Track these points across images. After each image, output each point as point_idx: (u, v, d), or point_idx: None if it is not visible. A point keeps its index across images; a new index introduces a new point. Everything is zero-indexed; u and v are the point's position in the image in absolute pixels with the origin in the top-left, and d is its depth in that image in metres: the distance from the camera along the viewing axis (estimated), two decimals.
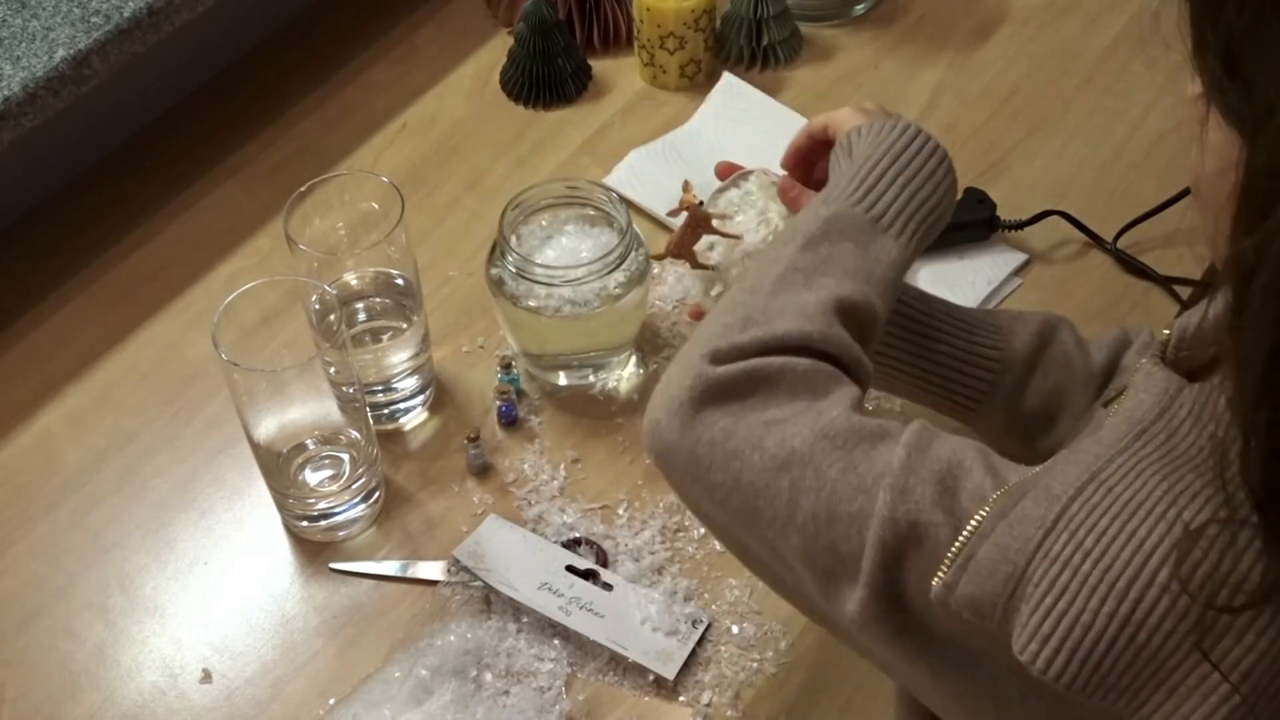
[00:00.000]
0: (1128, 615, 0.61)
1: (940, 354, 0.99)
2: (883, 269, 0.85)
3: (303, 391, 1.01)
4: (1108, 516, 0.63)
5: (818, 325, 0.79)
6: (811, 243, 0.84)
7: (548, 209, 1.12)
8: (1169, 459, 0.65)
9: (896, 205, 0.88)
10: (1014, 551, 0.65)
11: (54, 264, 1.25)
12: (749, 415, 0.75)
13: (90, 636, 1.03)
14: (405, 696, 0.96)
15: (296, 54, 1.42)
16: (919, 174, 0.90)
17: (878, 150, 0.90)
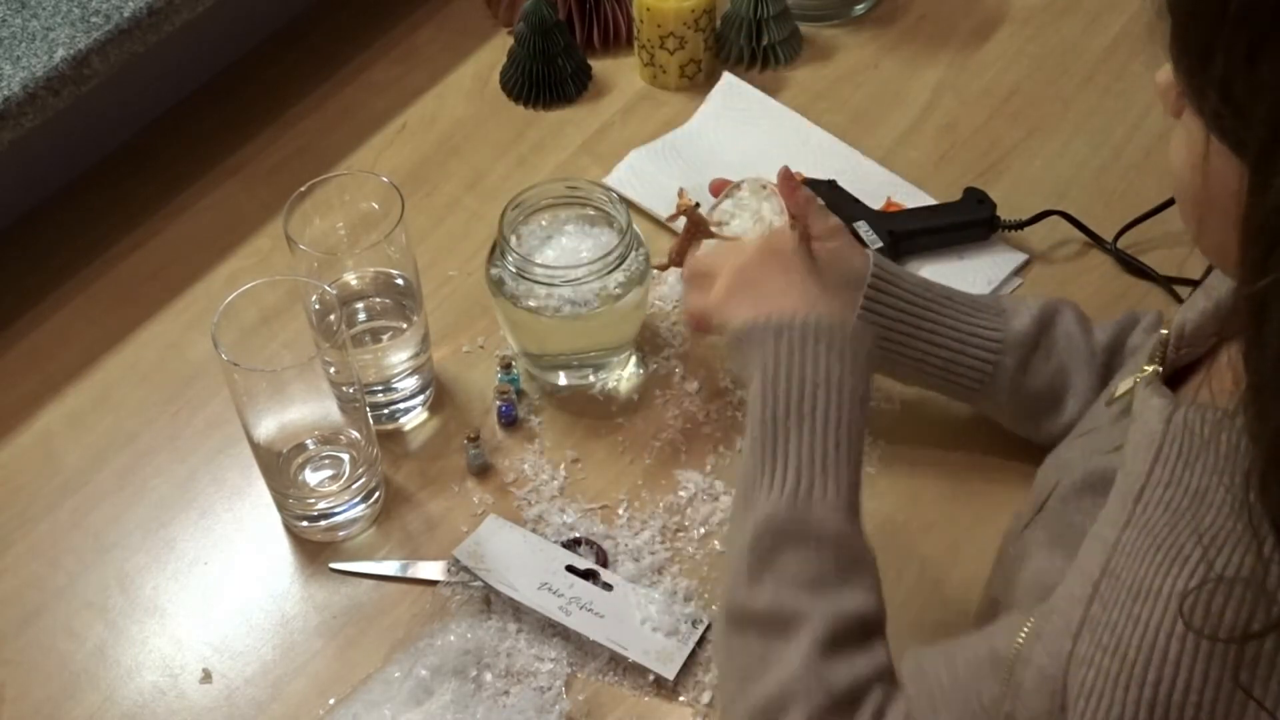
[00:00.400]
0: (1153, 698, 0.62)
1: (940, 335, 1.00)
2: (831, 543, 0.82)
3: (303, 391, 1.01)
4: (1118, 608, 0.64)
5: (819, 693, 0.77)
6: (757, 570, 0.81)
7: (548, 209, 1.12)
8: (1168, 517, 0.65)
9: (809, 463, 0.83)
10: (1051, 668, 0.66)
11: (54, 264, 1.25)
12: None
13: (90, 636, 1.03)
14: (405, 696, 0.96)
15: (296, 54, 1.42)
16: (819, 401, 0.84)
17: (770, 387, 0.85)
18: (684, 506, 1.07)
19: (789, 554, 0.81)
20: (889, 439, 1.10)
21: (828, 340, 0.86)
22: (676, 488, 1.08)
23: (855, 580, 0.82)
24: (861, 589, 0.82)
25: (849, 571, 0.82)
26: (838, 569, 0.81)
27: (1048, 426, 1.01)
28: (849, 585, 0.81)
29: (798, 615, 0.80)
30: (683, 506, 1.07)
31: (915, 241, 1.21)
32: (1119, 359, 1.01)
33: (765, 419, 0.85)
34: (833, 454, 0.84)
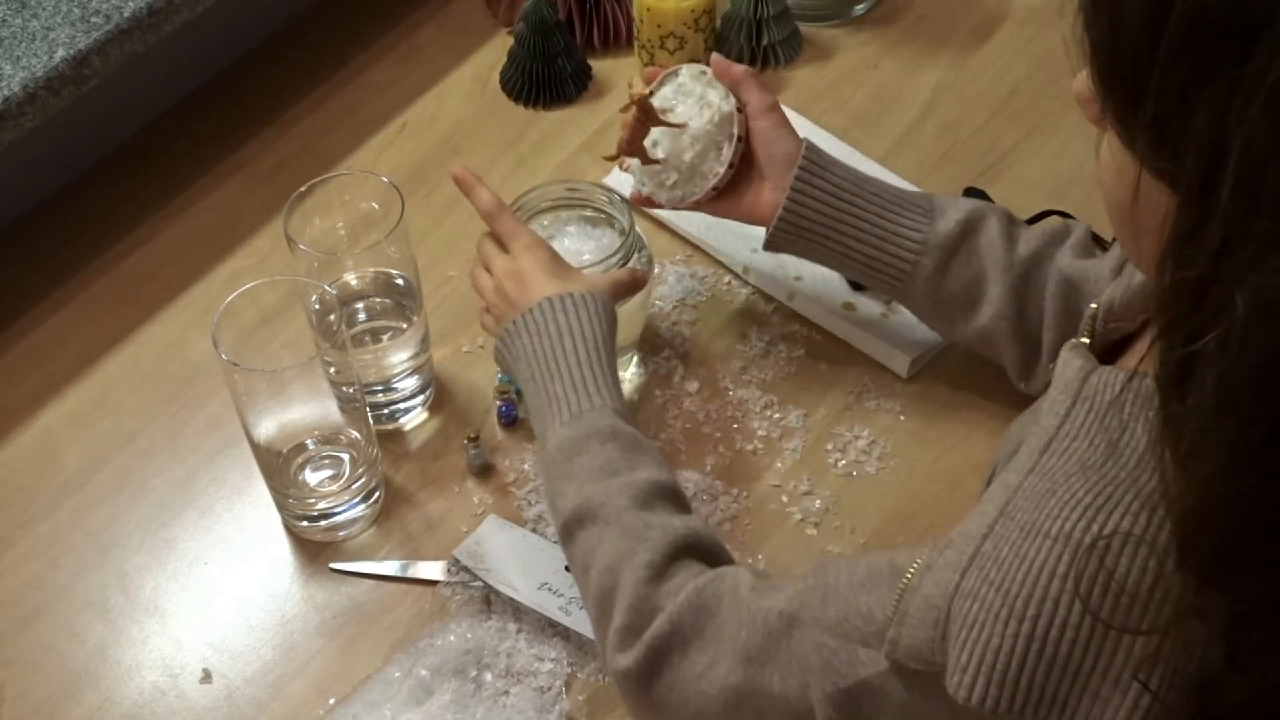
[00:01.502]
0: (1030, 632, 0.64)
1: (864, 230, 1.04)
2: (610, 436, 0.91)
3: (303, 391, 1.01)
4: (1008, 545, 0.66)
5: (641, 550, 0.85)
6: (561, 486, 0.91)
7: (548, 210, 1.12)
8: (1071, 469, 0.67)
9: (572, 391, 0.94)
10: (937, 597, 0.68)
11: (54, 264, 1.25)
12: (683, 680, 0.83)
13: (90, 636, 1.03)
14: (405, 696, 0.96)
15: (296, 54, 1.42)
16: (568, 347, 0.96)
17: (530, 361, 0.97)
18: None
19: (577, 460, 0.91)
20: (889, 439, 1.10)
21: (562, 305, 0.97)
22: None
23: (641, 459, 0.91)
24: (649, 465, 0.91)
25: (633, 453, 0.91)
26: (621, 455, 0.91)
27: (961, 328, 1.06)
28: (637, 464, 0.91)
29: (601, 499, 0.89)
30: None
31: None
32: (1041, 272, 1.03)
33: (536, 384, 0.96)
34: (590, 378, 0.94)
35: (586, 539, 0.88)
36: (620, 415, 0.93)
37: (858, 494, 1.08)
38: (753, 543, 1.05)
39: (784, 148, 1.05)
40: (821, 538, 1.05)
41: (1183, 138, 0.57)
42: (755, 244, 1.22)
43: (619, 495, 0.88)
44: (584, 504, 0.89)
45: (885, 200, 1.04)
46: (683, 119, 1.07)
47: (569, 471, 0.91)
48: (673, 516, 0.88)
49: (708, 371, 1.15)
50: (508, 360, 1.00)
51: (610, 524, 0.87)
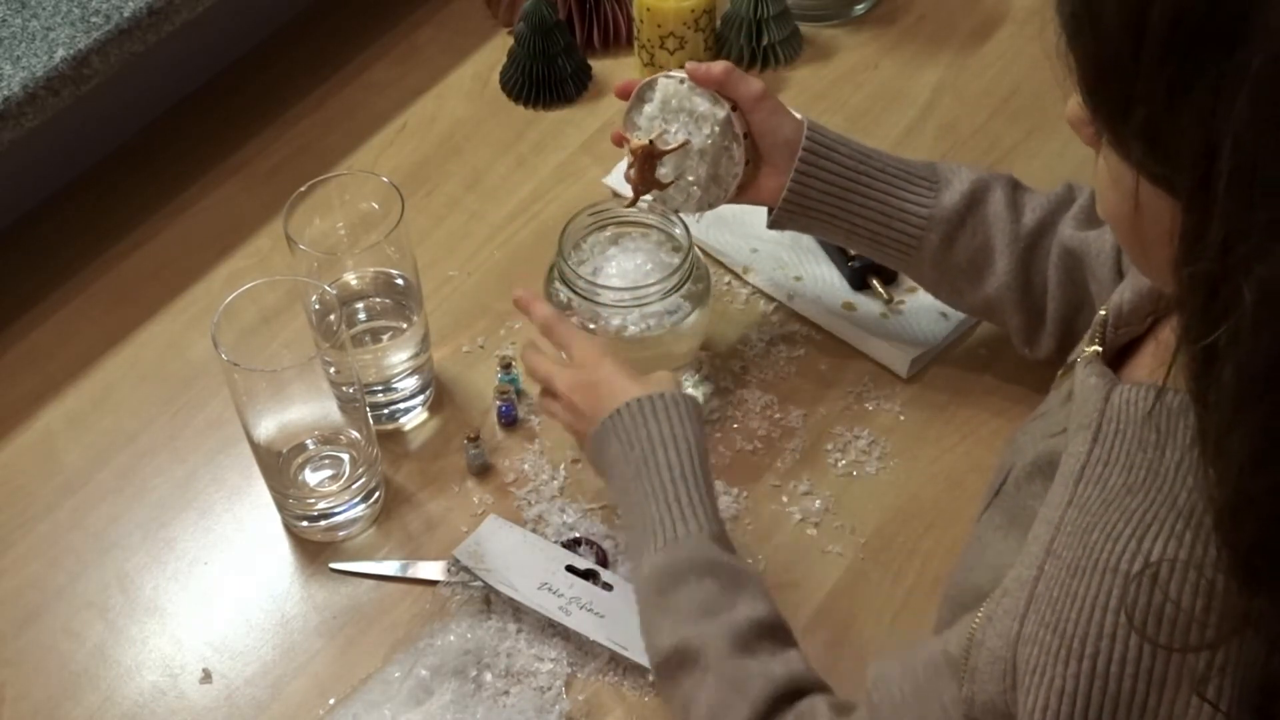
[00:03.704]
0: (1091, 671, 0.63)
1: (870, 207, 1.05)
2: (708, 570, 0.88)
3: (303, 391, 1.01)
4: (1058, 585, 0.66)
5: (741, 705, 0.83)
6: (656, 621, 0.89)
7: (603, 229, 1.11)
8: (1108, 496, 0.66)
9: (667, 514, 0.91)
10: (1001, 648, 0.68)
11: (54, 264, 1.25)
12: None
13: (90, 636, 1.03)
14: (405, 696, 0.96)
15: (296, 54, 1.42)
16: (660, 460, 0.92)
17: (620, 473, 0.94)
18: None
19: (675, 595, 0.88)
20: (889, 439, 1.10)
21: (652, 409, 0.94)
22: None
23: (742, 595, 0.87)
24: (750, 600, 0.87)
25: (733, 590, 0.88)
26: (722, 591, 0.87)
27: (967, 298, 1.07)
28: (738, 601, 0.87)
29: (700, 641, 0.85)
30: None
31: None
32: (1045, 241, 1.04)
33: (629, 497, 0.93)
34: (685, 497, 0.91)
35: (686, 682, 0.86)
36: (718, 541, 0.90)
37: (858, 494, 1.08)
38: (753, 543, 1.05)
39: (785, 133, 1.05)
40: (821, 538, 1.05)
41: (1175, 139, 0.57)
42: (755, 244, 1.22)
43: (718, 638, 0.85)
44: (682, 645, 0.86)
45: (890, 174, 1.05)
46: (681, 138, 1.06)
47: (664, 606, 0.88)
48: (773, 660, 0.85)
49: (708, 371, 1.15)
50: (599, 468, 0.97)
51: (709, 670, 0.84)
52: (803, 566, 1.04)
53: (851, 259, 1.19)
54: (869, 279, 1.18)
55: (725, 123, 1.06)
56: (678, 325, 1.07)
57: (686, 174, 1.07)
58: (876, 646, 0.99)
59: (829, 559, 1.04)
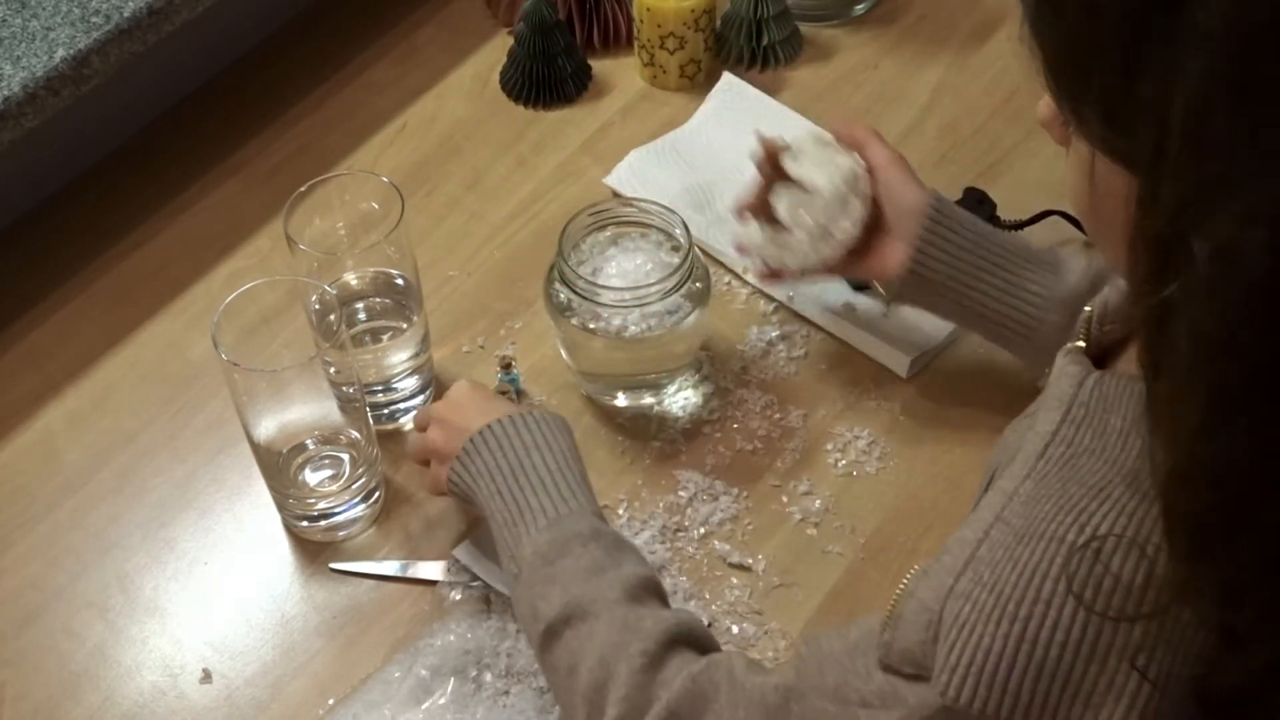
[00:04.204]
0: (1021, 634, 0.63)
1: (990, 286, 1.03)
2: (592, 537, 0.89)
3: (303, 391, 1.01)
4: (1002, 548, 0.66)
5: (636, 640, 0.83)
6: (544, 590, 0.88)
7: (603, 229, 1.11)
8: (1065, 473, 0.67)
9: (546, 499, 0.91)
10: (931, 600, 0.68)
11: (54, 264, 1.25)
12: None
13: (90, 636, 1.03)
14: (405, 696, 0.96)
15: (296, 54, 1.42)
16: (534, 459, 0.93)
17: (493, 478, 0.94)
18: (684, 506, 1.07)
19: (561, 562, 0.88)
20: (889, 439, 1.10)
21: (524, 423, 0.95)
22: (676, 488, 1.08)
23: (626, 556, 0.89)
24: (635, 561, 0.90)
25: (617, 552, 0.89)
26: (606, 554, 0.89)
27: None
28: (624, 561, 0.89)
29: (591, 597, 0.86)
30: (683, 506, 1.07)
31: None
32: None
33: (502, 499, 0.93)
34: (564, 485, 0.92)
35: (575, 637, 0.86)
36: (598, 517, 0.92)
37: (858, 494, 1.08)
38: (753, 543, 1.05)
39: (911, 200, 1.04)
40: (821, 538, 1.05)
41: (1130, 107, 0.58)
42: None
43: (609, 590, 0.86)
44: (572, 603, 0.86)
45: (1011, 256, 1.03)
46: (821, 186, 1.05)
47: (551, 575, 0.88)
48: (662, 609, 0.87)
49: (708, 371, 1.15)
50: (466, 482, 0.95)
51: (601, 618, 0.85)
52: (803, 566, 1.04)
53: None
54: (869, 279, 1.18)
55: (853, 175, 1.05)
56: (678, 325, 1.07)
57: (802, 217, 1.05)
58: None
59: (829, 559, 1.04)
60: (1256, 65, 0.53)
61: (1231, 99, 0.53)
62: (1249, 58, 0.53)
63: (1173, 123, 0.55)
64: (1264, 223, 0.53)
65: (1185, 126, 0.54)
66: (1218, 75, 0.53)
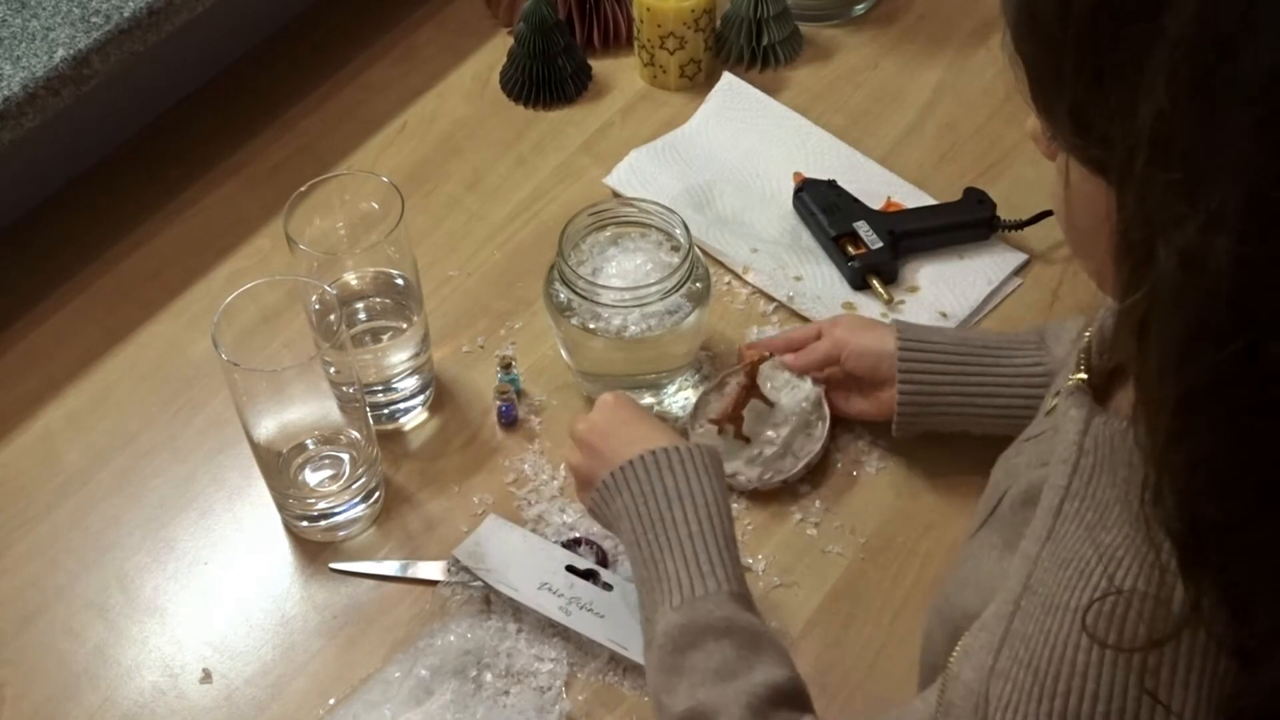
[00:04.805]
0: (1064, 710, 0.63)
1: (985, 381, 1.02)
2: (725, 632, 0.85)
3: (303, 391, 1.01)
4: (1034, 622, 0.65)
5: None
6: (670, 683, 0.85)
7: (604, 228, 1.11)
8: (1080, 531, 0.66)
9: (685, 570, 0.87)
10: (975, 682, 0.68)
11: (54, 264, 1.25)
12: None
13: (90, 636, 1.03)
14: (405, 696, 0.96)
15: (296, 54, 1.42)
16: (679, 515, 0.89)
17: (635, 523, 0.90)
18: None
19: (691, 655, 0.84)
20: (889, 440, 1.10)
21: (669, 462, 0.91)
22: None
23: (759, 659, 0.84)
24: (767, 664, 0.84)
25: (751, 652, 0.84)
26: (739, 654, 0.84)
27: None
28: (756, 664, 0.84)
29: (716, 706, 0.82)
30: None
31: (915, 241, 1.21)
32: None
33: (642, 554, 0.89)
34: (705, 555, 0.88)
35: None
36: (738, 600, 0.87)
37: (858, 494, 1.08)
38: (753, 543, 1.05)
39: (878, 347, 1.05)
40: (821, 538, 1.05)
41: (1103, 117, 0.58)
42: (755, 244, 1.22)
43: (735, 702, 0.82)
44: (697, 709, 0.83)
45: (993, 350, 1.03)
46: (788, 407, 1.08)
47: (679, 667, 0.84)
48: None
49: (708, 371, 1.15)
50: (607, 518, 0.93)
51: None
52: (803, 566, 1.04)
53: (851, 259, 1.19)
54: (869, 279, 1.18)
55: (815, 397, 1.08)
56: (678, 325, 1.07)
57: (766, 433, 1.07)
58: (877, 646, 0.99)
59: (829, 559, 1.04)
60: (1218, 74, 0.53)
61: (1195, 107, 0.53)
62: (1211, 67, 0.53)
63: (1140, 131, 0.55)
64: (1228, 230, 0.53)
65: (1152, 134, 0.55)
66: (1181, 84, 0.54)
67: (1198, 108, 0.53)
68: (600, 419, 0.96)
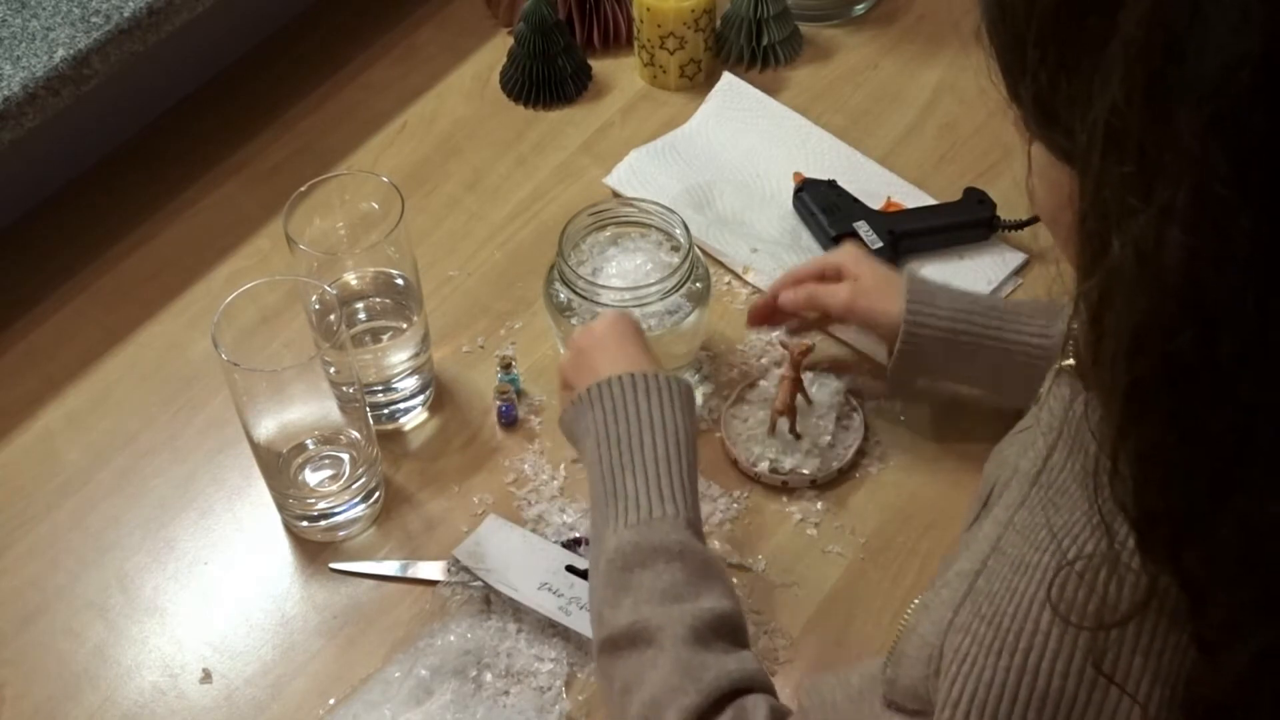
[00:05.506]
0: (1023, 665, 0.63)
1: (987, 332, 1.02)
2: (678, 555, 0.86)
3: (303, 391, 1.01)
4: (999, 579, 0.66)
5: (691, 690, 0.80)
6: (616, 597, 0.85)
7: (604, 228, 1.11)
8: (1059, 499, 0.67)
9: (645, 492, 0.88)
10: (932, 635, 0.68)
11: (54, 264, 1.25)
12: None
13: (90, 636, 1.03)
14: (405, 696, 0.96)
15: (296, 54, 1.42)
16: (646, 439, 0.90)
17: (601, 441, 0.91)
18: None
19: (640, 574, 0.85)
20: (889, 439, 1.10)
21: (645, 389, 0.91)
22: None
23: (708, 587, 0.85)
24: (715, 593, 0.85)
25: (699, 579, 0.85)
26: (688, 578, 0.85)
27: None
28: (704, 591, 0.85)
29: (659, 624, 0.83)
30: None
31: (915, 241, 1.21)
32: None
33: (602, 469, 0.90)
34: (666, 480, 0.88)
35: (636, 661, 0.83)
36: (693, 530, 0.88)
37: (858, 494, 1.08)
38: (753, 543, 1.05)
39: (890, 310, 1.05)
40: (821, 538, 1.05)
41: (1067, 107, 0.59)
42: (755, 244, 1.22)
43: (679, 624, 0.82)
44: (640, 624, 0.83)
45: (1003, 308, 1.03)
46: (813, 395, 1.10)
47: (627, 583, 0.85)
48: (728, 656, 0.83)
49: (708, 371, 1.15)
50: (575, 432, 0.94)
51: (665, 651, 0.82)
52: (803, 566, 1.04)
53: None
54: None
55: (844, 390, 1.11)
56: (678, 325, 1.07)
57: (815, 422, 1.08)
58: (876, 646, 0.99)
59: (829, 559, 1.04)
60: (1168, 73, 0.53)
61: (1147, 103, 0.54)
62: (1162, 66, 0.53)
63: (1096, 123, 0.56)
64: (1178, 224, 0.53)
65: (1107, 128, 0.55)
66: (1134, 80, 0.54)
67: (1150, 104, 0.54)
68: (599, 330, 0.97)
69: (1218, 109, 0.52)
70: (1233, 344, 0.54)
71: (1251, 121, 0.52)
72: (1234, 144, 0.52)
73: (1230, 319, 0.53)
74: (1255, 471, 0.56)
